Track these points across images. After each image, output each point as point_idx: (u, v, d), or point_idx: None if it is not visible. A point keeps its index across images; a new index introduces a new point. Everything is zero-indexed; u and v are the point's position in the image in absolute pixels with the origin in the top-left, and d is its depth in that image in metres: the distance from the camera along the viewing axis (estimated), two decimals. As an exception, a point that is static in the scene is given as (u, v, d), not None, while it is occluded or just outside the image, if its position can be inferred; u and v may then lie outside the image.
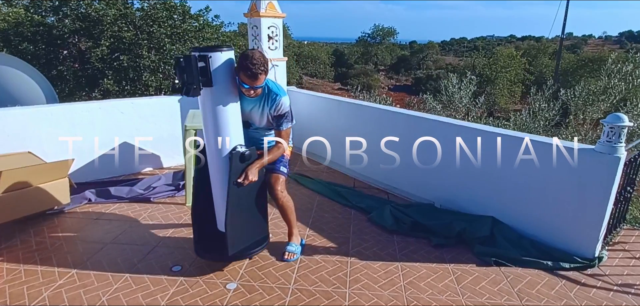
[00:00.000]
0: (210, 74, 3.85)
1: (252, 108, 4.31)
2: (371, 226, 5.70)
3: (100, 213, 5.88)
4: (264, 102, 4.28)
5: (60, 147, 6.54)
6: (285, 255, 4.85)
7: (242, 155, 4.07)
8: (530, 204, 5.21)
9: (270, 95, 4.26)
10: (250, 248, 4.50)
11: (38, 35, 16.99)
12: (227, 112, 4.02)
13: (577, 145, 4.89)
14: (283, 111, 4.29)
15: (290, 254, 4.86)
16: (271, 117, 4.33)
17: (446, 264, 4.80)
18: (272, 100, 4.25)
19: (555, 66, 38.75)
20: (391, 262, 4.79)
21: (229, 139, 4.07)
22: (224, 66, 3.94)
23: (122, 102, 7.28)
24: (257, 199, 4.44)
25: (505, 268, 4.74)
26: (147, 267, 4.53)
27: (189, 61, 3.77)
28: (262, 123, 4.41)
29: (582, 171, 4.75)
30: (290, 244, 4.96)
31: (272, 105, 4.26)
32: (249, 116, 4.37)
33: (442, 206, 6.16)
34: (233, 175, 4.06)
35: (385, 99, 15.94)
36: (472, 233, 5.29)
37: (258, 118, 4.37)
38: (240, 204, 4.22)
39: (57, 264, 4.53)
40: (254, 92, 4.09)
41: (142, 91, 17.25)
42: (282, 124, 4.35)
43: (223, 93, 3.96)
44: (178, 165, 7.81)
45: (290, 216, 4.90)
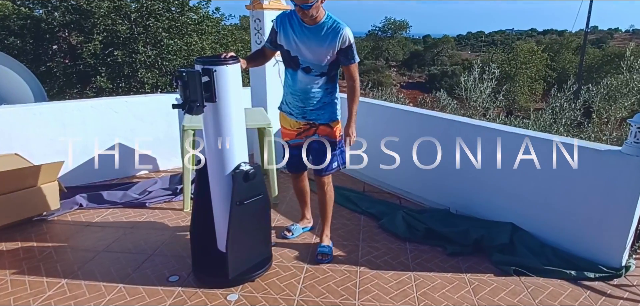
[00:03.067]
0: (215, 89, 3.83)
1: (308, 41, 4.38)
2: (382, 233, 5.69)
3: (92, 219, 5.88)
4: (325, 35, 4.34)
5: (49, 149, 6.55)
6: (319, 256, 4.94)
7: (245, 174, 4.07)
8: (553, 210, 5.18)
9: (333, 27, 4.34)
10: (253, 270, 4.48)
11: (25, 29, 17.06)
12: (231, 128, 4.02)
13: (602, 146, 4.87)
14: (349, 41, 4.36)
15: (324, 255, 4.94)
16: (334, 52, 4.37)
17: (462, 274, 4.78)
18: (336, 32, 4.32)
19: (579, 62, 38.63)
20: (404, 272, 4.78)
21: (232, 157, 4.09)
22: (230, 80, 3.91)
23: (116, 101, 7.29)
24: (260, 220, 4.45)
25: (526, 278, 4.71)
26: (143, 277, 4.53)
27: (193, 76, 3.73)
28: (318, 60, 4.42)
29: (608, 174, 4.72)
30: (322, 246, 5.04)
31: (336, 38, 4.32)
32: (301, 49, 4.43)
33: (458, 212, 6.14)
34: (236, 195, 4.06)
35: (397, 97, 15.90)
36: (490, 240, 5.26)
37: (313, 53, 4.41)
38: (243, 226, 4.22)
39: (46, 274, 4.54)
40: (309, 18, 4.25)
41: (137, 89, 17.30)
42: (352, 57, 4.42)
43: (228, 108, 3.95)
44: (175, 168, 7.82)
45: (329, 211, 5.04)
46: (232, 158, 4.08)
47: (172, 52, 18.27)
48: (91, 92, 17.01)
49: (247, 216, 4.23)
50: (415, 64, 74.02)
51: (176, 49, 18.37)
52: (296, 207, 5.99)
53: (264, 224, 4.52)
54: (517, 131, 5.66)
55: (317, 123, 4.69)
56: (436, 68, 67.46)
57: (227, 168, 4.07)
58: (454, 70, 55.50)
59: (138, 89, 17.14)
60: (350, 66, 4.45)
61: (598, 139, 11.07)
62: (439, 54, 76.57)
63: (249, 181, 4.12)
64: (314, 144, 4.78)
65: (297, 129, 4.83)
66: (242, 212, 4.14)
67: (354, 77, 4.53)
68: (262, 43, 5.15)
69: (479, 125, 5.92)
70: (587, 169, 4.86)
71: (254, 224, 4.38)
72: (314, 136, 4.75)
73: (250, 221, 4.31)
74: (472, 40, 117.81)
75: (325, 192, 4.95)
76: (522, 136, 5.42)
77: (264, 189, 4.35)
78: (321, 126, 4.70)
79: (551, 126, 12.21)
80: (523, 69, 43.76)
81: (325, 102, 4.63)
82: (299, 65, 4.50)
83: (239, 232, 4.19)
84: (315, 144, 4.78)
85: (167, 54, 17.99)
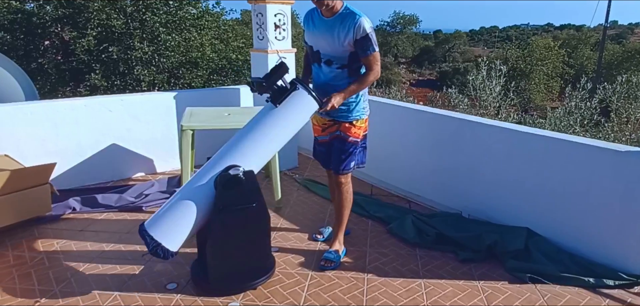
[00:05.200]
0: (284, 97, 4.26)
1: (325, 32, 4.52)
2: (391, 239, 5.68)
3: (86, 223, 5.89)
4: (340, 26, 4.44)
5: (40, 150, 6.56)
6: (321, 263, 4.95)
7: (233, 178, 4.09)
8: (570, 214, 5.17)
9: (349, 17, 4.43)
10: (253, 278, 4.45)
11: (16, 24, 17.08)
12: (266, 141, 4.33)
13: (622, 147, 4.86)
14: (365, 31, 4.40)
15: (328, 262, 4.94)
16: (351, 43, 4.45)
17: (475, 281, 4.77)
18: (351, 21, 4.41)
19: (598, 59, 38.59)
20: (413, 279, 4.77)
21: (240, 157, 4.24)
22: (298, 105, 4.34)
23: (111, 99, 7.30)
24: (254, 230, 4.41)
25: (542, 285, 4.69)
26: (139, 285, 4.53)
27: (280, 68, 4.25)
28: (336, 51, 4.54)
29: (629, 176, 4.70)
30: (329, 251, 5.05)
31: (350, 28, 4.40)
32: (320, 42, 4.59)
33: (470, 216, 6.13)
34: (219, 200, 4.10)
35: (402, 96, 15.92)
36: (504, 246, 5.24)
37: (330, 45, 4.53)
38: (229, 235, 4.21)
39: (38, 281, 4.54)
40: (325, 8, 4.40)
41: (133, 87, 17.32)
42: (368, 48, 4.47)
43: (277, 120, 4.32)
44: (173, 170, 7.81)
45: (344, 213, 5.08)
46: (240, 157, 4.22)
47: (169, 48, 18.28)
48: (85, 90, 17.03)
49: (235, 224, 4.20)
50: (426, 61, 73.94)
51: (174, 44, 18.39)
52: (300, 211, 6.00)
53: (259, 235, 4.46)
54: (531, 131, 5.66)
55: (340, 121, 4.75)
56: (448, 65, 67.42)
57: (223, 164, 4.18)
58: (466, 67, 55.37)
59: (134, 87, 17.16)
60: (369, 56, 4.50)
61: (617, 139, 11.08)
62: (450, 50, 76.50)
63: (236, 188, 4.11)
64: (334, 141, 4.86)
65: (322, 124, 4.92)
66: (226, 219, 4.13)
67: (371, 67, 4.57)
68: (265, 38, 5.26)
69: (491, 125, 5.92)
70: (606, 171, 4.85)
71: (246, 235, 4.32)
72: (337, 133, 4.81)
73: (240, 230, 4.26)
74: (486, 36, 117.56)
75: (341, 192, 4.98)
76: (537, 137, 5.42)
77: (258, 198, 4.29)
78: (344, 124, 4.75)
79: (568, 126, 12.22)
80: (539, 65, 43.69)
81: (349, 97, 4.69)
82: (321, 59, 4.65)
83: (223, 241, 4.18)
84: (335, 142, 4.85)
85: (164, 50, 18.00)
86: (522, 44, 58.69)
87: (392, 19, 78.94)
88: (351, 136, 4.75)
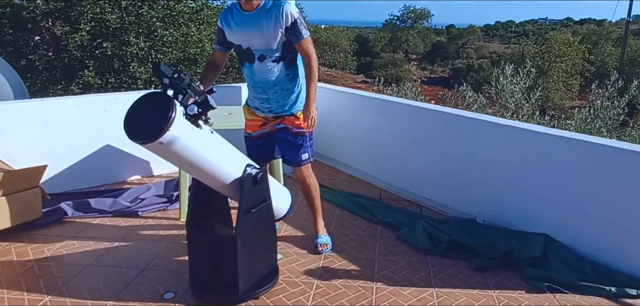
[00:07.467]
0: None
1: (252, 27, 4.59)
2: (401, 245, 5.67)
3: (79, 229, 5.89)
4: (266, 17, 4.54)
5: (31, 151, 6.54)
6: (319, 247, 5.29)
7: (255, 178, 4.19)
8: (591, 219, 5.16)
9: (273, 7, 4.55)
10: (257, 286, 4.49)
11: (4, 18, 17.10)
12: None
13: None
14: (293, 17, 4.53)
15: (323, 246, 5.30)
16: (281, 32, 4.56)
17: (490, 290, 4.77)
18: (277, 11, 4.52)
19: (620, 55, 38.54)
20: (425, 288, 4.77)
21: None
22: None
23: (105, 98, 7.31)
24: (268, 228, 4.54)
25: (561, 295, 4.69)
26: (134, 294, 4.53)
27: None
28: (269, 43, 4.61)
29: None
30: (320, 236, 5.38)
31: (278, 17, 4.52)
32: (248, 38, 4.64)
33: (485, 222, 6.12)
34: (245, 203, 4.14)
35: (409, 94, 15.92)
36: (520, 253, 5.24)
37: (261, 38, 4.60)
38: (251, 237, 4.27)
39: (27, 290, 4.55)
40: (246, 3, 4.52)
41: (129, 85, 17.33)
42: (299, 33, 4.60)
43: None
44: (171, 173, 7.80)
45: (317, 202, 5.34)
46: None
47: (167, 43, 18.29)
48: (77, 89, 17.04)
49: (255, 225, 4.28)
50: (438, 57, 73.89)
51: (172, 40, 18.40)
52: (305, 216, 5.99)
53: (271, 232, 4.62)
54: (550, 132, 5.65)
55: (283, 114, 4.91)
56: (461, 61, 67.38)
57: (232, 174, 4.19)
58: (480, 64, 55.43)
59: (129, 84, 17.17)
60: (301, 42, 4.65)
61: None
62: (464, 46, 76.42)
63: (257, 185, 4.20)
64: (280, 135, 5.03)
65: (263, 119, 5.04)
66: (249, 221, 4.17)
67: (308, 54, 4.72)
68: None
69: (509, 125, 5.92)
70: (630, 175, 4.83)
71: (262, 234, 4.44)
72: (280, 126, 4.98)
73: (258, 230, 4.37)
74: (501, 31, 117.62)
75: (308, 185, 5.24)
76: (556, 138, 5.41)
77: (269, 194, 4.42)
78: (287, 117, 4.93)
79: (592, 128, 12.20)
80: (557, 62, 43.62)
81: (288, 88, 4.84)
82: (253, 56, 4.70)
83: (247, 244, 4.22)
84: (281, 135, 5.03)
85: (161, 46, 18.00)
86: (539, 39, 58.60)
87: (403, 13, 78.86)
88: (296, 127, 4.93)
